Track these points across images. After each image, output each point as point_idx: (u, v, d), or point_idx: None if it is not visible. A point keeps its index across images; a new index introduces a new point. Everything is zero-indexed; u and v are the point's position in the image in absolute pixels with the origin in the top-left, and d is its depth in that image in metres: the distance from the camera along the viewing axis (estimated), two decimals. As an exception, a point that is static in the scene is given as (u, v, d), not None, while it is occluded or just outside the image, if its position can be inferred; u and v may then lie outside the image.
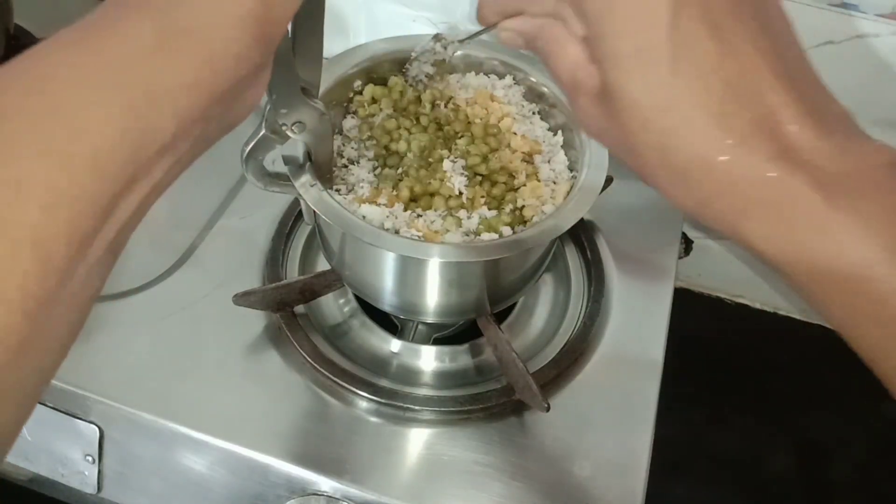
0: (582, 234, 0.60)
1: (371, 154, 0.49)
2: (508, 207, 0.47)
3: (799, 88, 0.30)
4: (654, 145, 0.31)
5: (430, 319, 0.50)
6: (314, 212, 0.44)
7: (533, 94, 0.52)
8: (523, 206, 0.47)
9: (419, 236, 0.44)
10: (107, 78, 0.24)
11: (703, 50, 0.29)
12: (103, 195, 0.23)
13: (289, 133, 0.41)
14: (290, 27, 0.37)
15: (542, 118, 0.52)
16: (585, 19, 0.32)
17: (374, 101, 0.51)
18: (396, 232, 0.44)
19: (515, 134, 0.50)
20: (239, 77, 0.27)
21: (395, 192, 0.46)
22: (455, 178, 0.46)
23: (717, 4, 0.30)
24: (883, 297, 0.28)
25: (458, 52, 0.52)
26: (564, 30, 0.34)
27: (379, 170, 0.48)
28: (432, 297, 0.48)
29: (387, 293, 0.49)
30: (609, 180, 0.48)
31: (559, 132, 0.50)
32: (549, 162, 0.49)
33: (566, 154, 0.50)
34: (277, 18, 0.28)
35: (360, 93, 0.51)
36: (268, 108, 0.40)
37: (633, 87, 0.31)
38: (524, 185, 0.48)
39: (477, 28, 0.67)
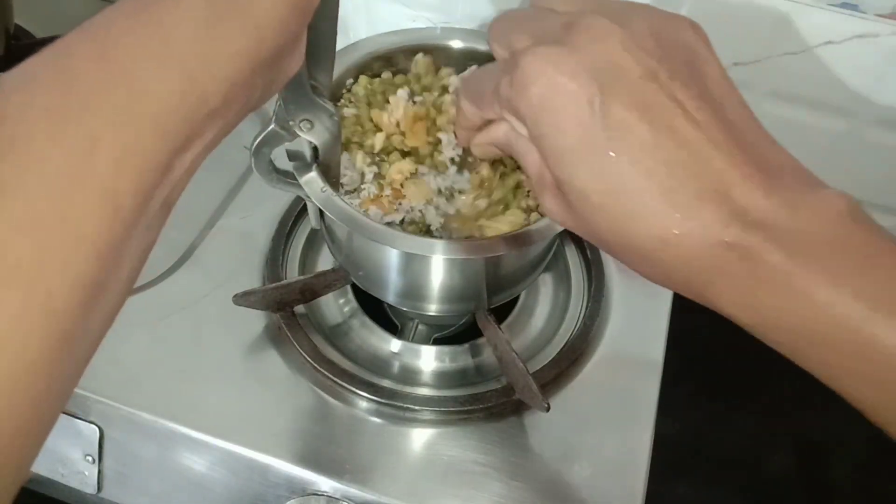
0: (582, 234, 0.60)
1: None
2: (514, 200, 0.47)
3: (742, 148, 0.30)
4: (610, 230, 0.32)
5: (432, 311, 0.50)
6: (320, 210, 0.44)
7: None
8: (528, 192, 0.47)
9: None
10: (165, 47, 0.26)
11: (637, 133, 0.30)
12: (164, 153, 0.26)
13: (297, 130, 0.41)
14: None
15: None
16: (525, 122, 0.33)
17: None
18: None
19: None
20: (279, 45, 0.29)
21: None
22: (448, 149, 0.46)
23: (648, 87, 0.30)
24: (861, 349, 0.28)
25: (460, 45, 0.52)
26: (521, 137, 0.35)
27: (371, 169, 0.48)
28: (435, 288, 0.48)
29: (392, 285, 0.49)
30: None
31: None
32: None
33: None
34: None
35: (350, 90, 0.51)
36: (278, 103, 0.40)
37: (578, 179, 0.32)
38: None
39: (473, 27, 0.67)
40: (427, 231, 0.46)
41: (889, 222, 0.68)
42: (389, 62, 0.52)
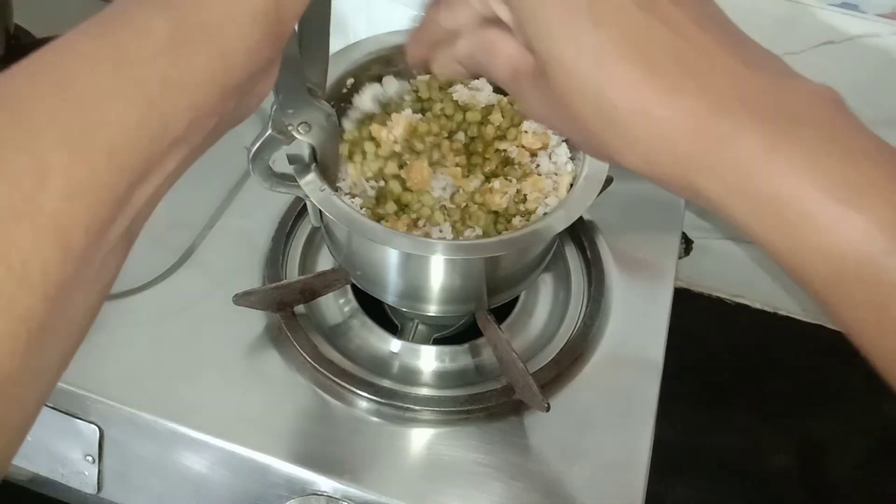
0: (582, 234, 0.60)
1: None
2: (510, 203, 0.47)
3: (724, 35, 0.30)
4: (591, 105, 0.31)
5: (431, 311, 0.50)
6: (320, 210, 0.44)
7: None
8: (525, 197, 0.47)
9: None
10: (125, 72, 0.25)
11: (624, 7, 0.30)
12: (120, 185, 0.24)
13: (295, 133, 0.41)
14: (297, 29, 0.38)
15: None
16: (510, 3, 0.33)
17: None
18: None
19: (526, 132, 0.50)
20: (250, 72, 0.28)
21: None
22: (438, 186, 0.46)
23: None
24: (823, 230, 0.28)
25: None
26: (497, 31, 0.35)
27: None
28: (435, 289, 0.48)
29: (392, 286, 0.49)
30: (609, 180, 0.48)
31: None
32: (549, 156, 0.49)
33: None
34: (287, 15, 0.29)
35: (352, 91, 0.51)
36: (274, 108, 0.40)
37: (562, 49, 0.31)
38: (527, 175, 0.48)
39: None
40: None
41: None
42: (389, 62, 0.52)
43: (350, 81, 0.51)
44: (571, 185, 0.47)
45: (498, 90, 0.51)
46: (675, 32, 0.30)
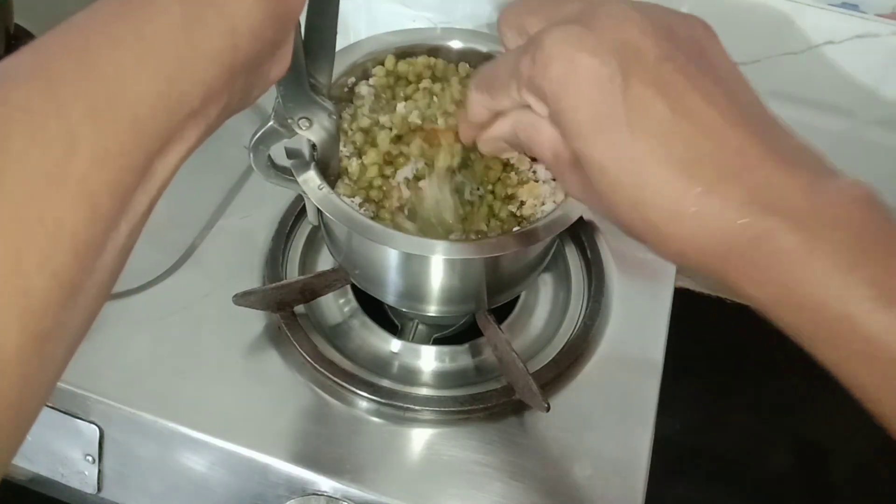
0: (582, 234, 0.60)
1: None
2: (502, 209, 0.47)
3: (758, 131, 0.31)
4: (627, 204, 0.32)
5: (431, 312, 0.50)
6: (318, 208, 0.44)
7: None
8: (522, 204, 0.47)
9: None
10: (142, 48, 0.26)
11: (657, 109, 0.31)
12: (142, 153, 0.26)
13: (295, 128, 0.41)
14: (303, 25, 0.38)
15: None
16: (546, 100, 0.34)
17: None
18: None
19: None
20: (256, 51, 0.30)
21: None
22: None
23: (665, 67, 0.31)
24: (869, 336, 0.28)
25: (459, 46, 0.52)
26: (533, 116, 0.36)
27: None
28: (435, 289, 0.48)
29: (391, 286, 0.49)
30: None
31: None
32: None
33: None
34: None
35: (353, 90, 0.51)
36: (277, 100, 0.40)
37: (597, 152, 0.32)
38: (524, 182, 0.48)
39: (473, 27, 0.67)
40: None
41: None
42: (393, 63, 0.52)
43: (351, 81, 0.51)
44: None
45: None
46: (708, 134, 0.31)
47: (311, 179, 0.44)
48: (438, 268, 0.47)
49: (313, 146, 0.44)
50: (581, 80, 0.32)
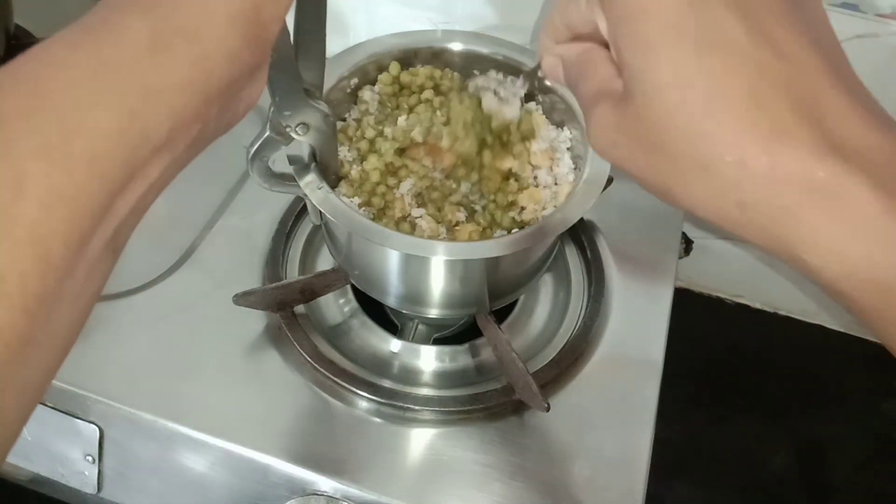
0: (582, 234, 0.60)
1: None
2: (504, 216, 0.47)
3: (840, 77, 0.27)
4: (681, 134, 0.28)
5: (432, 314, 0.50)
6: (320, 211, 0.44)
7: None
8: (522, 209, 0.47)
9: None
10: (103, 79, 0.24)
11: (733, 31, 0.27)
12: (101, 194, 0.24)
13: (293, 135, 0.41)
14: (291, 30, 0.38)
15: (545, 114, 0.52)
16: (613, 7, 0.30)
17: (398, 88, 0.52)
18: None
19: (535, 153, 0.49)
20: (232, 77, 0.28)
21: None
22: (408, 200, 0.46)
23: None
24: None
25: (461, 48, 0.52)
26: (601, 51, 0.33)
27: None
28: (436, 291, 0.48)
29: (392, 288, 0.49)
30: (609, 181, 0.48)
31: (564, 128, 0.50)
32: (550, 168, 0.49)
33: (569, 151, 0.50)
34: (268, 19, 0.28)
35: (356, 92, 0.51)
36: (272, 109, 0.40)
37: (658, 67, 0.28)
38: (524, 188, 0.48)
39: (473, 27, 0.67)
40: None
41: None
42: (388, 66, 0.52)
43: (354, 82, 0.51)
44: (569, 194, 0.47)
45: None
46: (788, 67, 0.27)
47: (311, 182, 0.44)
48: (439, 270, 0.47)
49: (312, 149, 0.44)
50: None
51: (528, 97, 0.51)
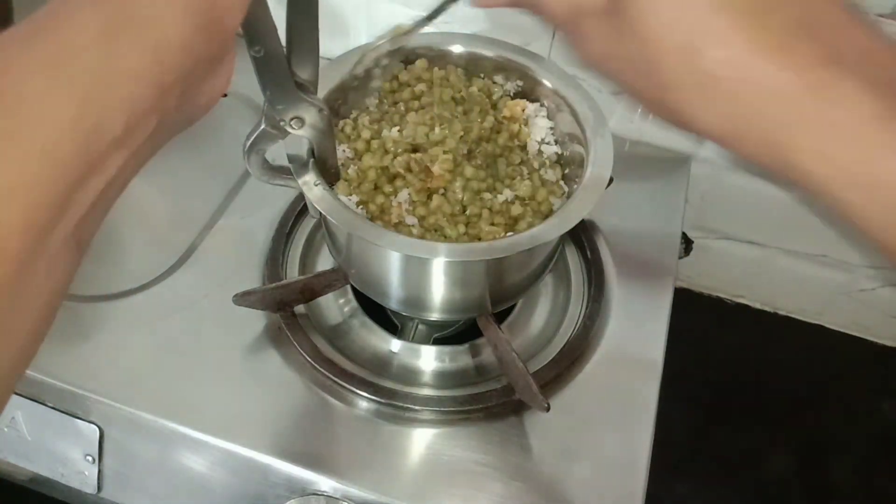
0: (582, 234, 0.60)
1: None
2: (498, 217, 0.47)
3: None
4: (677, 49, 0.27)
5: (433, 317, 0.50)
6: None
7: (533, 93, 0.52)
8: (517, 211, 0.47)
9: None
10: (56, 68, 0.24)
11: None
12: (56, 186, 0.23)
13: (287, 128, 0.41)
14: (282, 26, 0.38)
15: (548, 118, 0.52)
16: None
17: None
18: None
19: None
20: (186, 67, 0.27)
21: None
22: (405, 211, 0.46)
23: None
24: None
25: (461, 50, 0.52)
26: None
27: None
28: (437, 294, 0.48)
29: (392, 290, 0.49)
30: (609, 181, 0.48)
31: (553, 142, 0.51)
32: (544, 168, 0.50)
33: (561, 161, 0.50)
34: (223, 10, 0.28)
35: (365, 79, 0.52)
36: (265, 103, 0.40)
37: None
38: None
39: (473, 28, 0.67)
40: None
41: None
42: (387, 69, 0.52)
43: (356, 83, 0.51)
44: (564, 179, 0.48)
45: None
46: None
47: (310, 180, 0.44)
48: (439, 274, 0.47)
49: (311, 145, 0.44)
50: None
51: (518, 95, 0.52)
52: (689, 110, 0.28)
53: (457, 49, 0.53)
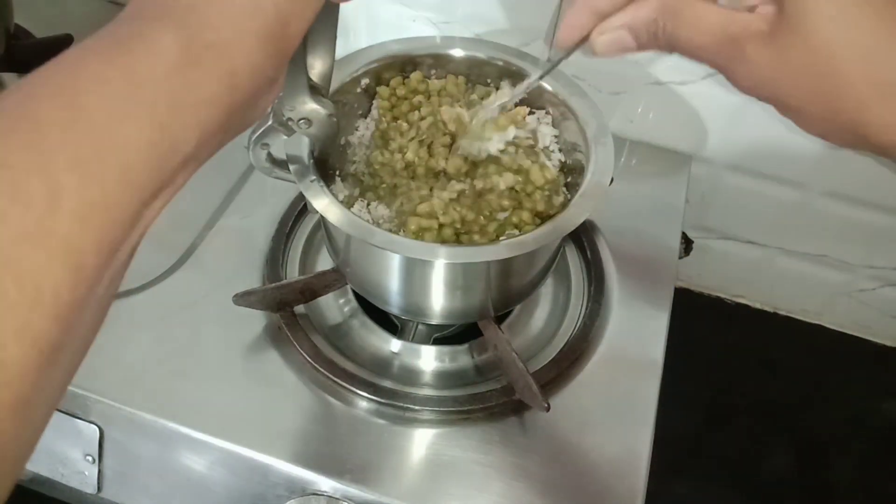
0: (582, 234, 0.60)
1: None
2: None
3: None
4: (858, 59, 0.27)
5: (434, 321, 0.50)
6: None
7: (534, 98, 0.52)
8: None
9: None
10: (136, 93, 0.25)
11: None
12: (131, 205, 0.24)
13: (295, 128, 0.42)
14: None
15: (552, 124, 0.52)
16: None
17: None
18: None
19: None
20: (255, 89, 0.29)
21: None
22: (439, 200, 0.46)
23: None
24: None
25: (461, 54, 0.52)
26: (688, 0, 0.31)
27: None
28: (437, 299, 0.48)
29: (392, 294, 0.49)
30: (610, 181, 0.48)
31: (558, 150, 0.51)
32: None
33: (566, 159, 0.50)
34: (292, 35, 0.30)
35: (366, 91, 0.52)
36: (276, 101, 0.40)
37: (831, 5, 0.27)
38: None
39: (474, 28, 0.67)
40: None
41: (888, 222, 0.68)
42: (405, 68, 0.52)
43: (365, 82, 0.51)
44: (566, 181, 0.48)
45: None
46: None
47: (311, 181, 0.44)
48: (440, 278, 0.47)
49: (312, 148, 0.44)
50: None
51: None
52: (866, 119, 0.28)
53: (457, 53, 0.53)
